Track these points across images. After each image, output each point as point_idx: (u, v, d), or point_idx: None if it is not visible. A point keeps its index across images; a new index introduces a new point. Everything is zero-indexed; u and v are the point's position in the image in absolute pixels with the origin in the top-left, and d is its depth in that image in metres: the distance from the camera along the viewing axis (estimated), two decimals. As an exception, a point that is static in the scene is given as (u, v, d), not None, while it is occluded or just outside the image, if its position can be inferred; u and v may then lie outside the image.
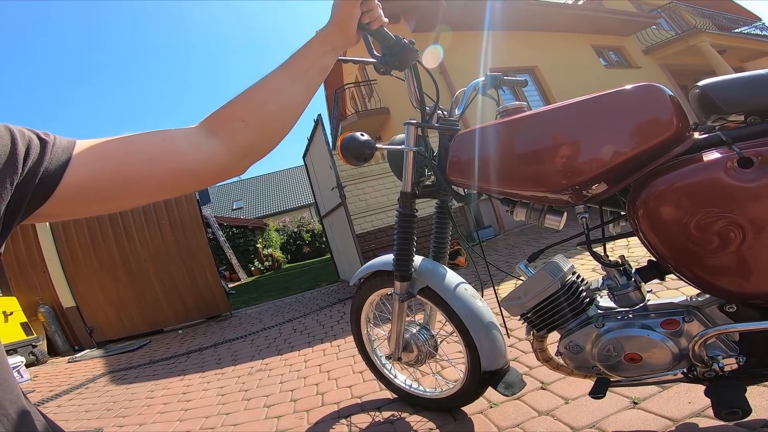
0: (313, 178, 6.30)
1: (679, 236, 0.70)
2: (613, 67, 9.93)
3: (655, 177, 0.72)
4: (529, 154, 0.86)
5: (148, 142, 0.43)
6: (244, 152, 0.49)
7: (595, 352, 0.86)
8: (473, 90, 1.22)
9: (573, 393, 1.26)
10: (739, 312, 0.73)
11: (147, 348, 4.09)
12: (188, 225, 5.08)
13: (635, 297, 0.84)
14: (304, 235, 16.68)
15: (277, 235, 16.29)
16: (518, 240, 5.40)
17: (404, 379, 1.52)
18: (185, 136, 0.46)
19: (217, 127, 0.48)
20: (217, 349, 3.32)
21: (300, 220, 17.49)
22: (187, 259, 5.03)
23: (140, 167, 0.41)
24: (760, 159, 0.63)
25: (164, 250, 4.97)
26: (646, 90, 0.74)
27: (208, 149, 0.46)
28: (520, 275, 0.98)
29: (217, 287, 5.12)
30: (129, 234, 4.91)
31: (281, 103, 0.52)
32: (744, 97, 0.71)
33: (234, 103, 0.50)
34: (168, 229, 5.01)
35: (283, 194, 25.64)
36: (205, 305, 5.06)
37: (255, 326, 3.98)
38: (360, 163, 1.05)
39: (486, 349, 1.13)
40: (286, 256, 16.00)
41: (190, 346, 3.66)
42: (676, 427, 0.98)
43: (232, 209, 24.06)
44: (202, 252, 5.11)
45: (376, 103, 8.91)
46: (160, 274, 4.95)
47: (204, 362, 2.93)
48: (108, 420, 2.08)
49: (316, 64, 0.56)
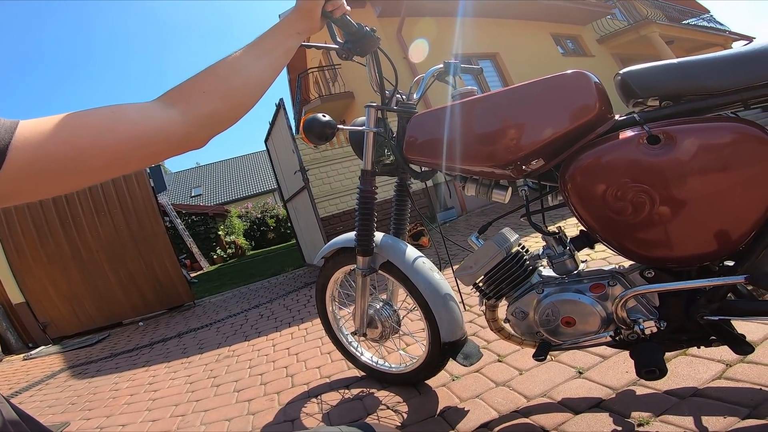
0: (276, 163, 6.19)
1: (601, 206, 0.80)
2: (570, 56, 10.31)
3: (581, 153, 0.81)
4: (477, 133, 0.93)
5: (97, 114, 0.43)
6: (204, 122, 0.49)
7: (537, 318, 0.95)
8: (431, 76, 1.28)
9: (526, 365, 1.35)
10: (656, 277, 0.84)
11: (106, 342, 3.94)
12: (143, 213, 4.86)
13: (570, 265, 0.94)
14: (268, 220, 16.36)
15: (240, 221, 15.87)
16: (479, 220, 5.59)
17: (370, 356, 1.58)
18: (137, 109, 0.45)
19: (176, 98, 0.48)
20: (181, 338, 3.26)
21: (263, 206, 17.09)
22: (143, 249, 4.83)
23: (90, 138, 0.41)
24: (665, 136, 0.73)
25: (117, 240, 4.74)
26: (576, 77, 0.83)
27: (163, 118, 0.46)
28: (472, 247, 1.06)
29: (178, 277, 4.97)
30: (78, 224, 4.64)
31: (246, 78, 0.53)
32: (658, 83, 0.80)
33: (195, 77, 0.50)
34: (120, 218, 4.77)
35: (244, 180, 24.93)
36: (165, 296, 4.91)
37: (220, 314, 3.93)
38: (322, 143, 1.11)
39: (444, 321, 1.19)
40: (250, 242, 15.66)
41: (152, 338, 3.57)
42: (616, 394, 1.07)
43: (191, 196, 23.15)
44: (159, 241, 4.91)
45: (340, 88, 8.88)
46: (115, 266, 4.72)
47: (169, 353, 2.89)
48: (73, 414, 2.02)
49: (281, 45, 0.58)
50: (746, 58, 0.72)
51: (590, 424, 0.97)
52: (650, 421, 0.92)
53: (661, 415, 0.93)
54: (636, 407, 0.98)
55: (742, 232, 0.74)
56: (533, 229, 0.95)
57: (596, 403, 1.05)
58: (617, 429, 0.93)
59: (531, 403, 1.14)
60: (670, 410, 0.94)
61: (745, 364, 1.02)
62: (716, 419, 0.87)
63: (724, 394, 0.95)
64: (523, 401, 1.16)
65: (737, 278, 0.74)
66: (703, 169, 0.72)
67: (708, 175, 0.72)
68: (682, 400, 0.97)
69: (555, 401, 1.11)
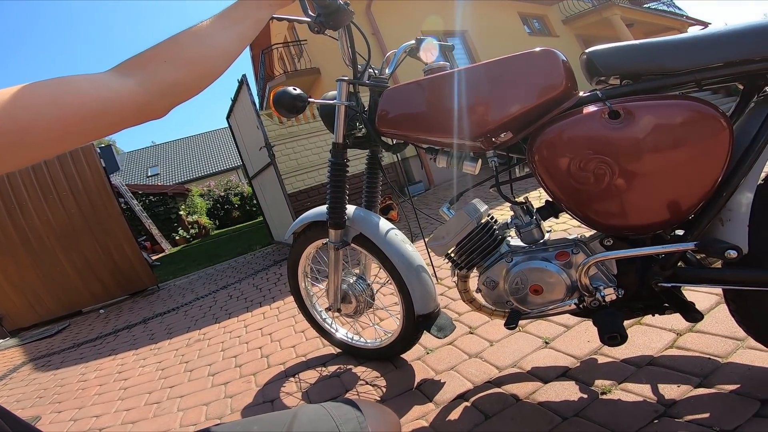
0: (240, 140, 5.98)
1: (565, 176, 0.84)
2: (536, 35, 10.53)
3: (547, 126, 0.84)
4: (448, 106, 0.95)
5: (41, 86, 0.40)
6: (165, 90, 0.47)
7: (507, 287, 0.99)
8: (403, 52, 1.27)
9: (496, 336, 1.41)
10: (614, 245, 0.90)
11: (67, 332, 3.78)
12: (95, 195, 4.58)
13: (536, 234, 0.98)
14: (233, 198, 15.91)
15: (202, 200, 15.35)
16: (447, 194, 5.69)
17: (345, 332, 1.59)
18: (88, 79, 0.43)
19: (133, 67, 0.46)
20: (147, 324, 3.18)
21: (227, 184, 16.56)
22: (98, 233, 4.58)
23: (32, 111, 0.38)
24: (625, 112, 0.78)
25: (70, 225, 4.47)
26: (545, 54, 0.86)
27: (117, 87, 0.43)
28: (443, 217, 1.09)
29: (138, 260, 4.78)
30: (25, 210, 4.32)
31: (212, 47, 0.51)
32: (620, 62, 0.84)
33: (156, 47, 0.48)
34: (71, 202, 4.48)
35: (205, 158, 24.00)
36: (126, 281, 4.72)
37: (187, 297, 3.84)
38: (292, 115, 1.10)
39: (418, 293, 1.22)
40: (214, 222, 15.23)
41: (116, 325, 3.45)
42: (580, 363, 1.13)
43: (147, 176, 22.05)
44: (115, 224, 4.67)
45: (306, 64, 8.72)
46: (69, 252, 4.47)
47: (135, 339, 2.81)
48: (43, 408, 1.95)
49: (252, 15, 0.56)
50: (701, 43, 0.77)
51: (558, 393, 1.04)
52: (612, 389, 0.99)
53: (622, 383, 1.00)
54: (598, 375, 1.06)
55: (691, 202, 0.80)
56: (502, 199, 0.98)
57: (563, 372, 1.11)
58: (583, 397, 1.00)
59: (503, 373, 1.20)
60: (629, 378, 1.01)
61: (694, 334, 1.11)
62: (671, 387, 0.94)
63: (676, 363, 1.02)
64: (496, 372, 1.21)
65: (688, 245, 0.81)
66: (658, 142, 0.77)
67: (662, 149, 0.77)
68: (639, 368, 1.04)
69: (525, 371, 1.17)
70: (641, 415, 0.89)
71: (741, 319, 0.88)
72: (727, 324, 1.09)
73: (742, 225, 0.78)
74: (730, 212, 0.79)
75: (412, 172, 7.05)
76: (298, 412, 0.49)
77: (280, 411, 0.52)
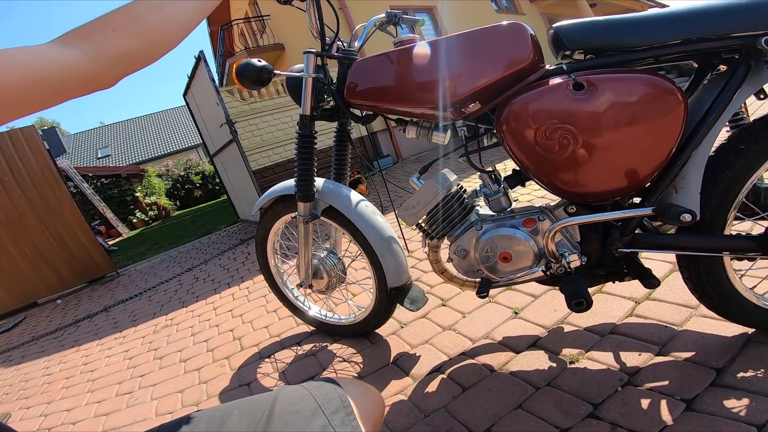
0: (198, 117, 5.68)
1: (532, 145, 0.86)
2: (503, 13, 10.55)
3: (515, 97, 0.86)
4: (419, 77, 0.95)
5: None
6: (114, 60, 0.44)
7: (477, 255, 1.02)
8: (373, 25, 1.24)
9: (468, 307, 1.44)
10: (578, 212, 0.95)
11: (24, 325, 3.57)
12: (40, 180, 4.26)
13: (504, 202, 1.01)
14: (194, 177, 15.28)
15: (161, 180, 14.61)
16: (415, 167, 5.71)
17: (318, 309, 1.58)
18: (27, 51, 0.40)
19: (78, 38, 0.43)
20: (109, 312, 3.05)
21: (186, 163, 15.82)
22: (47, 220, 4.29)
23: None
24: (589, 84, 0.81)
25: (15, 213, 4.15)
26: (513, 27, 0.87)
27: (60, 58, 0.41)
28: (413, 187, 1.10)
29: (93, 246, 4.53)
30: (-40, 196, 3.97)
31: (168, 16, 0.47)
32: (585, 37, 0.86)
33: (106, 16, 0.45)
34: (14, 188, 4.15)
35: (161, 137, 22.74)
36: (82, 268, 4.48)
37: (150, 282, 3.71)
38: (257, 87, 1.07)
39: (390, 265, 1.23)
40: (175, 202, 14.61)
41: (76, 315, 3.29)
42: (548, 332, 1.17)
43: (97, 158, 20.68)
44: (65, 208, 4.38)
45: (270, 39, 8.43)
46: (17, 241, 4.17)
47: (98, 329, 2.69)
48: (11, 405, 1.85)
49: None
50: (661, 21, 0.81)
51: (530, 363, 1.09)
52: (579, 358, 1.05)
53: (588, 352, 1.06)
54: (566, 344, 1.12)
55: (648, 170, 0.84)
56: (471, 168, 1.00)
57: (533, 342, 1.17)
58: (553, 366, 1.05)
59: (476, 345, 1.24)
60: (594, 347, 1.06)
61: (651, 302, 1.18)
62: (633, 356, 0.99)
63: (636, 331, 1.07)
64: (469, 344, 1.25)
65: (646, 210, 0.86)
66: (619, 113, 0.81)
67: (622, 119, 0.81)
68: (602, 337, 1.09)
69: (497, 342, 1.22)
70: (608, 383, 0.94)
71: (694, 287, 0.94)
72: (680, 292, 1.16)
73: (695, 192, 0.83)
74: (683, 180, 0.85)
75: (380, 146, 7.00)
76: (278, 394, 0.49)
77: (260, 394, 0.51)
